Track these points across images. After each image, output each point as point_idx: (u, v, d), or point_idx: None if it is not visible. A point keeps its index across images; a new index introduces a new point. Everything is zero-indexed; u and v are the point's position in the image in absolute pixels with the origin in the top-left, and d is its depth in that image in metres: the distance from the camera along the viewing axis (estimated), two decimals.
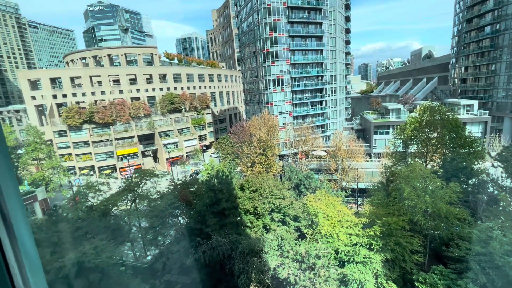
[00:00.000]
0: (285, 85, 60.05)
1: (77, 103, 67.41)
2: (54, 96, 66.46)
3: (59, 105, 68.23)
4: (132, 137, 70.92)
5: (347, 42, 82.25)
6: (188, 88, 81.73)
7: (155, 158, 76.45)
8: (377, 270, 17.62)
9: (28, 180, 45.44)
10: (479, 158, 30.12)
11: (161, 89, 76.44)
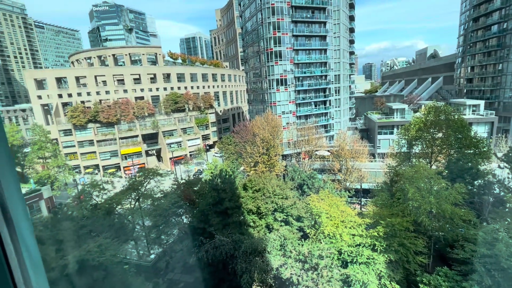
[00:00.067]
0: (289, 85, 59.92)
1: (82, 103, 68.11)
2: (60, 96, 67.23)
3: (65, 105, 68.99)
4: (136, 136, 71.43)
5: (351, 42, 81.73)
6: (192, 88, 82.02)
7: (159, 157, 76.92)
8: (381, 271, 17.53)
9: (34, 179, 46.00)
10: (485, 159, 29.73)
11: (165, 89, 76.82)
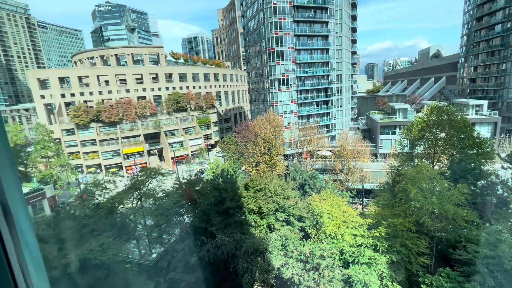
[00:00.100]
0: (291, 85, 59.84)
1: (85, 102, 68.42)
2: (63, 95, 67.59)
3: (67, 104, 69.36)
4: (138, 136, 71.66)
5: (354, 41, 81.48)
6: (194, 88, 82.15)
7: (161, 157, 77.13)
8: (382, 272, 17.47)
9: (37, 178, 46.30)
10: (488, 159, 29.56)
11: (167, 89, 77.01)
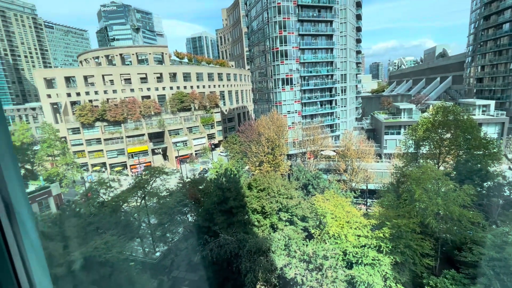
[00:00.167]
0: (294, 84, 59.68)
1: (90, 101, 69.09)
2: (68, 95, 68.36)
3: (73, 103, 70.13)
4: (143, 135, 72.16)
5: (358, 41, 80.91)
6: (198, 87, 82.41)
7: (165, 156, 77.57)
8: (386, 273, 17.35)
9: (43, 176, 46.91)
10: (495, 160, 29.13)
11: (171, 88, 77.37)
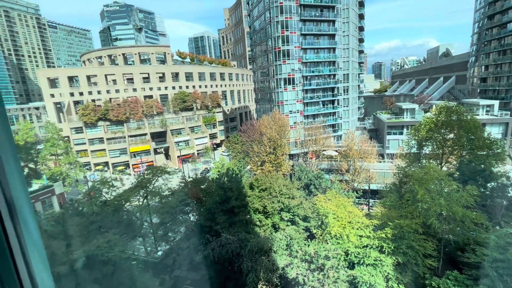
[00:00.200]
0: (296, 84, 59.57)
1: (93, 101, 69.46)
2: (72, 94, 68.76)
3: (76, 103, 70.54)
4: (145, 135, 72.42)
5: (361, 40, 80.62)
6: (200, 87, 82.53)
7: (167, 156, 77.80)
8: (388, 273, 17.28)
9: (47, 175, 47.23)
10: (499, 161, 28.88)
11: (174, 88, 77.57)
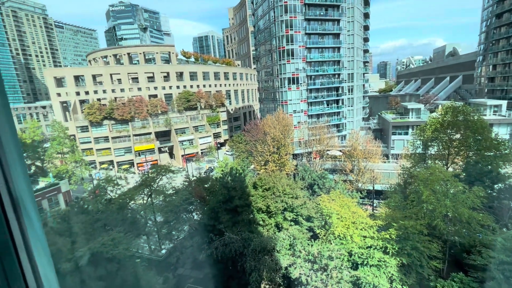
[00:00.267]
0: (301, 83, 59.37)
1: (98, 100, 70.16)
2: (77, 93, 69.54)
3: (82, 102, 71.34)
4: (149, 134, 72.93)
5: (366, 40, 79.90)
6: (204, 86, 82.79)
7: (171, 155, 78.23)
8: (392, 275, 17.15)
9: (53, 173, 47.89)
10: (507, 162, 28.38)
11: (178, 87, 77.94)
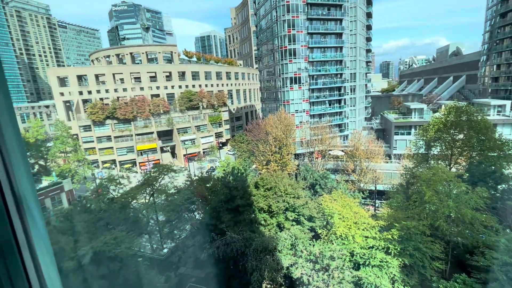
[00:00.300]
0: (303, 83, 59.24)
1: (101, 100, 70.50)
2: (80, 93, 69.94)
3: (85, 101, 71.71)
4: (152, 133, 73.17)
5: (368, 39, 79.56)
6: (206, 86, 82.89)
7: (173, 154, 78.44)
8: (394, 275, 17.09)
9: (56, 172, 48.20)
10: (511, 163, 28.13)
11: (180, 87, 78.11)
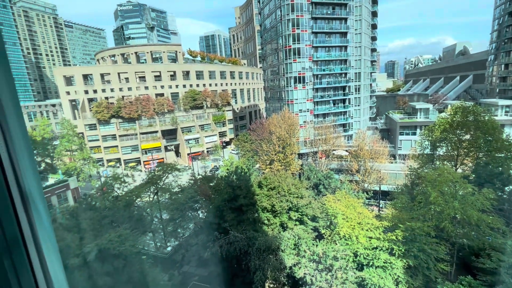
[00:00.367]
0: (307, 83, 59.01)
1: (106, 99, 71.15)
2: (86, 92, 70.69)
3: (90, 100, 72.46)
4: (156, 132, 73.64)
5: (373, 38, 78.87)
6: (210, 85, 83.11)
7: (177, 153, 78.85)
8: (398, 276, 16.95)
9: (62, 170, 48.82)
10: None
11: (184, 86, 78.44)
